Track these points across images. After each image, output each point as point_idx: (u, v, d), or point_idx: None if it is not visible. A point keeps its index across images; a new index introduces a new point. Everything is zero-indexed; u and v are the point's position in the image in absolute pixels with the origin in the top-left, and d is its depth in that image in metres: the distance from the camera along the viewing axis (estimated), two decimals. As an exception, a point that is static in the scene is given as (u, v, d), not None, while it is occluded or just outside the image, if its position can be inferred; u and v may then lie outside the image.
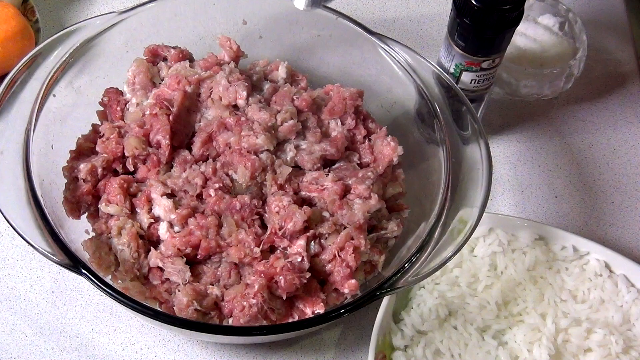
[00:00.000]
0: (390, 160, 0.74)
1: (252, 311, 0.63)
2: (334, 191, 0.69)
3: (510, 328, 0.73)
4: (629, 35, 1.05)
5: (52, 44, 0.72)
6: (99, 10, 1.02)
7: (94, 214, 0.71)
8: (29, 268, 0.79)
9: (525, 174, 0.91)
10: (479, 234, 0.77)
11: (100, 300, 0.77)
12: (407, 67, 0.76)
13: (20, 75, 0.69)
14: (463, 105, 0.73)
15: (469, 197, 0.67)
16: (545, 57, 0.93)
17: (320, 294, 0.67)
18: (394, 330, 0.72)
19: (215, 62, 0.78)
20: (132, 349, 0.75)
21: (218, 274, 0.68)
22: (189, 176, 0.70)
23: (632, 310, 0.73)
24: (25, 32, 0.88)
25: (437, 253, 0.64)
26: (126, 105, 0.76)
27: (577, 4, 1.06)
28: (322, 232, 0.68)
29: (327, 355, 0.76)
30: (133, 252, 0.67)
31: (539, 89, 0.92)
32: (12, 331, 0.75)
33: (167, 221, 0.68)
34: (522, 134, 0.94)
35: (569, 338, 0.72)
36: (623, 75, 1.01)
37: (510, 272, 0.75)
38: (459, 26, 0.76)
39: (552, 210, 0.88)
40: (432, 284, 0.75)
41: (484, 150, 0.69)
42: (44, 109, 0.70)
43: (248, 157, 0.70)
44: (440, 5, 1.07)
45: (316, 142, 0.74)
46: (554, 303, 0.74)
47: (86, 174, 0.70)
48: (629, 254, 0.79)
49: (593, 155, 0.93)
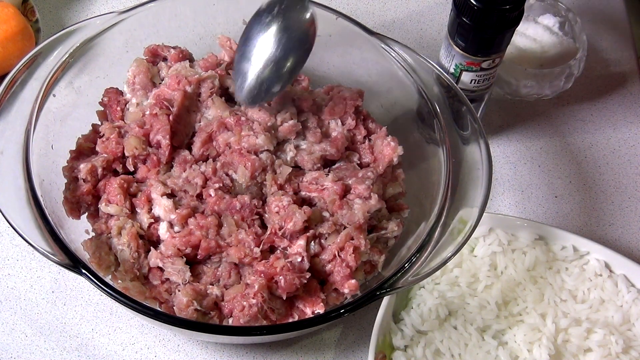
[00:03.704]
0: (390, 160, 0.74)
1: (252, 311, 0.63)
2: (334, 191, 0.69)
3: (510, 328, 0.73)
4: (629, 35, 1.05)
5: (52, 44, 0.72)
6: (99, 10, 1.02)
7: (94, 214, 0.71)
8: (29, 268, 0.79)
9: (525, 174, 0.91)
10: (479, 234, 0.77)
11: (100, 300, 0.77)
12: (407, 67, 0.76)
13: (20, 75, 0.69)
14: (463, 105, 0.73)
15: (469, 197, 0.67)
16: (545, 57, 0.93)
17: (320, 294, 0.67)
18: (394, 330, 0.72)
19: (215, 62, 0.78)
20: (132, 349, 0.75)
21: (218, 274, 0.68)
22: (189, 176, 0.70)
23: (632, 310, 0.73)
24: (25, 32, 0.88)
25: (437, 253, 0.64)
26: (126, 105, 0.76)
27: (577, 4, 1.06)
28: (322, 232, 0.68)
29: (327, 355, 0.76)
30: (133, 252, 0.67)
31: (539, 89, 0.92)
32: (12, 331, 0.75)
33: (167, 221, 0.68)
34: (522, 134, 0.94)
35: (569, 338, 0.72)
36: (623, 75, 1.01)
37: (510, 272, 0.75)
38: (459, 26, 0.76)
39: (552, 210, 0.88)
40: (432, 284, 0.75)
41: (484, 150, 0.69)
42: (44, 109, 0.70)
43: (248, 157, 0.70)
44: (440, 5, 1.07)
45: (316, 142, 0.74)
46: (554, 303, 0.74)
47: (86, 174, 0.70)
48: (629, 254, 0.79)
49: (593, 155, 0.93)
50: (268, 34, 0.70)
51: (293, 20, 0.70)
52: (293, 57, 0.70)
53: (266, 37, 0.70)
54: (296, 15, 0.70)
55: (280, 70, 0.70)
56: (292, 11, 0.70)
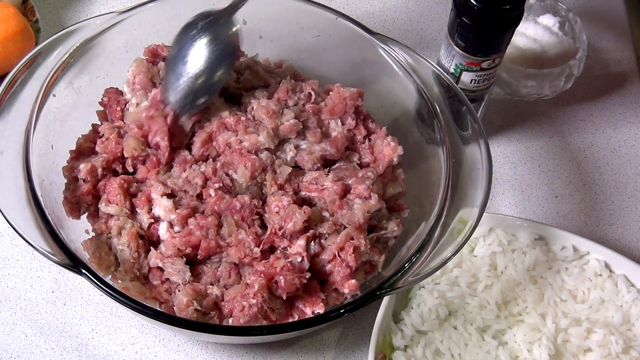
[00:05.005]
0: (390, 160, 0.74)
1: (252, 311, 0.63)
2: (334, 191, 0.69)
3: (510, 328, 0.73)
4: (629, 35, 1.05)
5: (52, 44, 0.72)
6: (99, 10, 1.02)
7: (94, 214, 0.71)
8: (29, 268, 0.79)
9: (525, 174, 0.91)
10: (479, 234, 0.77)
11: (100, 300, 0.77)
12: (407, 67, 0.76)
13: (20, 75, 0.69)
14: (463, 105, 0.73)
15: (469, 197, 0.67)
16: (545, 57, 0.93)
17: (320, 294, 0.67)
18: (394, 330, 0.72)
19: (215, 62, 0.78)
20: (132, 349, 0.75)
21: (218, 274, 0.68)
22: (189, 176, 0.70)
23: (632, 310, 0.74)
24: (25, 32, 0.88)
25: (437, 253, 0.64)
26: (126, 105, 0.76)
27: (577, 4, 1.06)
28: (322, 232, 0.68)
29: (327, 355, 0.76)
30: (133, 252, 0.67)
31: (539, 89, 0.92)
32: (12, 331, 0.75)
33: (167, 221, 0.68)
34: (522, 134, 0.94)
35: (569, 338, 0.72)
36: (623, 75, 1.01)
37: (510, 272, 0.75)
38: (459, 26, 0.76)
39: (552, 210, 0.88)
40: (432, 284, 0.75)
41: (484, 150, 0.69)
42: (44, 109, 0.70)
43: (248, 157, 0.70)
44: (440, 5, 1.07)
45: (316, 142, 0.74)
46: (554, 303, 0.74)
47: (86, 174, 0.70)
48: (629, 254, 0.79)
49: (593, 155, 0.93)
50: (195, 48, 0.71)
51: (218, 35, 0.71)
52: (219, 70, 0.72)
53: (193, 52, 0.71)
54: (221, 30, 0.71)
55: (206, 83, 0.71)
56: (217, 26, 0.71)
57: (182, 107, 0.71)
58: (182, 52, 0.71)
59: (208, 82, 0.71)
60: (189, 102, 0.71)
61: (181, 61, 0.71)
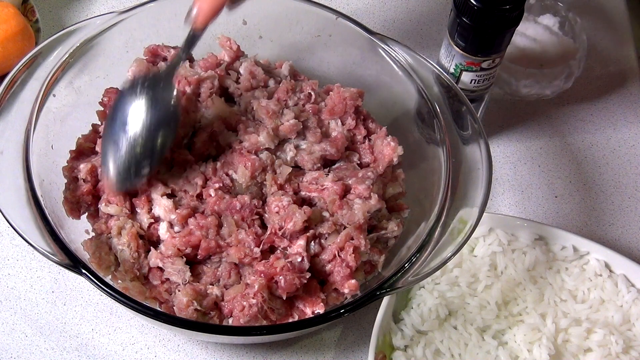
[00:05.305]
0: (390, 160, 0.74)
1: (252, 311, 0.63)
2: (334, 191, 0.69)
3: (510, 328, 0.73)
4: (629, 35, 1.05)
5: (52, 44, 0.72)
6: (99, 10, 1.02)
7: (94, 214, 0.71)
8: (29, 268, 0.79)
9: (525, 174, 0.91)
10: (479, 234, 0.77)
11: (100, 300, 0.77)
12: (407, 67, 0.76)
13: (20, 75, 0.69)
14: (463, 105, 0.73)
15: (469, 197, 0.67)
16: (545, 57, 0.93)
17: (320, 294, 0.67)
18: (394, 330, 0.72)
19: (215, 62, 0.78)
20: (132, 349, 0.75)
21: (218, 274, 0.68)
22: (189, 176, 0.70)
23: (632, 310, 0.74)
24: (25, 32, 0.88)
25: (437, 253, 0.64)
26: (126, 105, 0.76)
27: (577, 4, 1.06)
28: (322, 232, 0.68)
29: (327, 355, 0.76)
30: (133, 252, 0.67)
31: (539, 89, 0.92)
32: (12, 331, 0.75)
33: (167, 221, 0.68)
34: (522, 134, 0.94)
35: (569, 338, 0.72)
36: (623, 75, 1.01)
37: (510, 272, 0.75)
38: (459, 26, 0.76)
39: (552, 210, 0.88)
40: (432, 284, 0.75)
41: (484, 150, 0.69)
42: (44, 109, 0.70)
43: (248, 157, 0.70)
44: (440, 5, 1.07)
45: (316, 142, 0.74)
46: (554, 303, 0.74)
47: (86, 174, 0.70)
48: (629, 254, 0.79)
49: (593, 155, 0.93)
50: (133, 114, 0.66)
51: (157, 99, 0.66)
52: (160, 136, 0.66)
53: (132, 117, 0.66)
54: (160, 94, 0.66)
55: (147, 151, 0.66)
56: (156, 90, 0.66)
57: (123, 179, 0.67)
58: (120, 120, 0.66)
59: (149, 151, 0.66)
60: (132, 173, 0.66)
61: (120, 129, 0.66)
